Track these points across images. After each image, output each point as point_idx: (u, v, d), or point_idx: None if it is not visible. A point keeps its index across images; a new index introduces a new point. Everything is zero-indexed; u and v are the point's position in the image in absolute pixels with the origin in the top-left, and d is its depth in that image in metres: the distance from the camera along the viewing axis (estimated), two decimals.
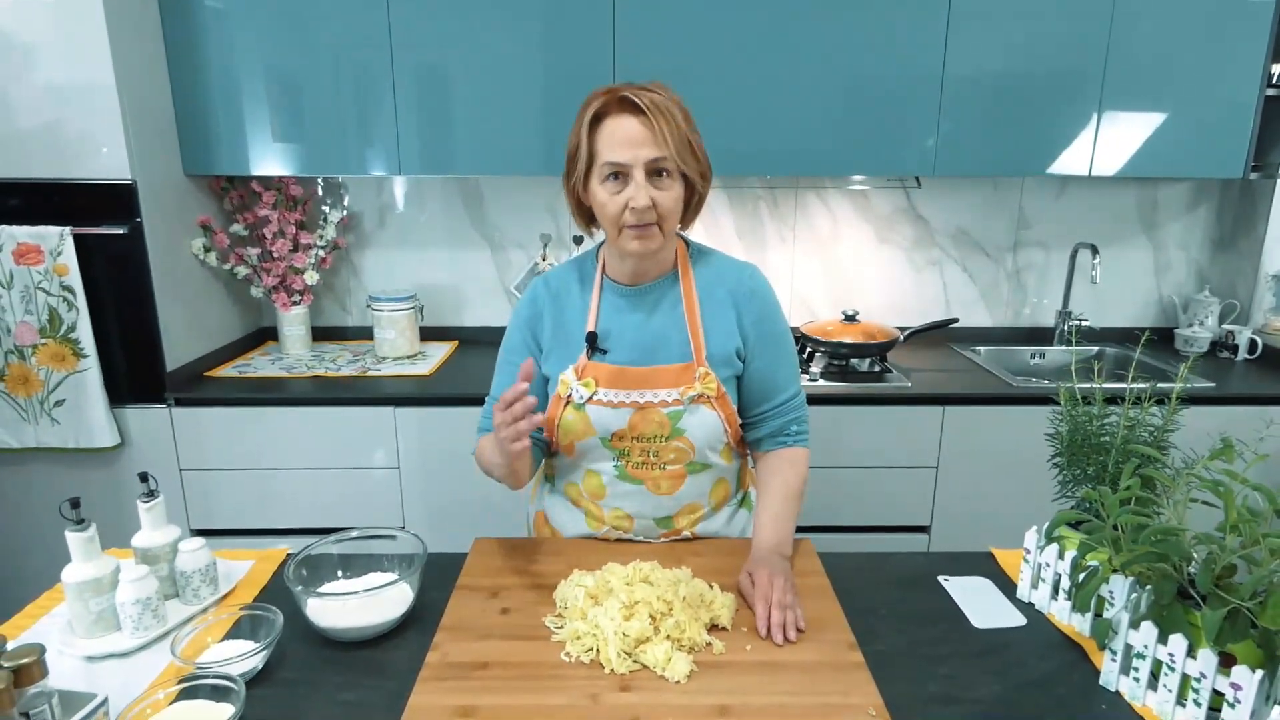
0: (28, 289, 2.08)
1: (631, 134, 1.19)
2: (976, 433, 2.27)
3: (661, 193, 1.21)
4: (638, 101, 1.19)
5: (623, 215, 1.22)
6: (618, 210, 1.22)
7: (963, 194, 2.73)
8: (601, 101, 1.22)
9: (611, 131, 1.21)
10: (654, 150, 1.19)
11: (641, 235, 1.23)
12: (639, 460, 1.34)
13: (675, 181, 1.23)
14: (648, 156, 1.19)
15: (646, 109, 1.18)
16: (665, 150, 1.19)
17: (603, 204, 1.23)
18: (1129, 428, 1.13)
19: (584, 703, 0.98)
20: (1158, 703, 0.97)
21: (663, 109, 1.19)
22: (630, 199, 1.20)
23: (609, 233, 1.27)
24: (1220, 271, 2.80)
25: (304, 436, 2.24)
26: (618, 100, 1.21)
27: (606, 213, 1.24)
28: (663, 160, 1.20)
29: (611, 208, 1.22)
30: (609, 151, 1.21)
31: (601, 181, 1.23)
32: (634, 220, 1.21)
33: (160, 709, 0.93)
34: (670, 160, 1.20)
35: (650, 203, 1.20)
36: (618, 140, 1.20)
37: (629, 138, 1.19)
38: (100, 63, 1.99)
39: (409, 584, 1.17)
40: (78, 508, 1.12)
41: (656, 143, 1.19)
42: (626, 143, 1.19)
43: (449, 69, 2.26)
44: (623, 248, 1.26)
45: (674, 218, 1.25)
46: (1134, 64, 2.27)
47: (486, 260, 2.77)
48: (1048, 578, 1.18)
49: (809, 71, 2.26)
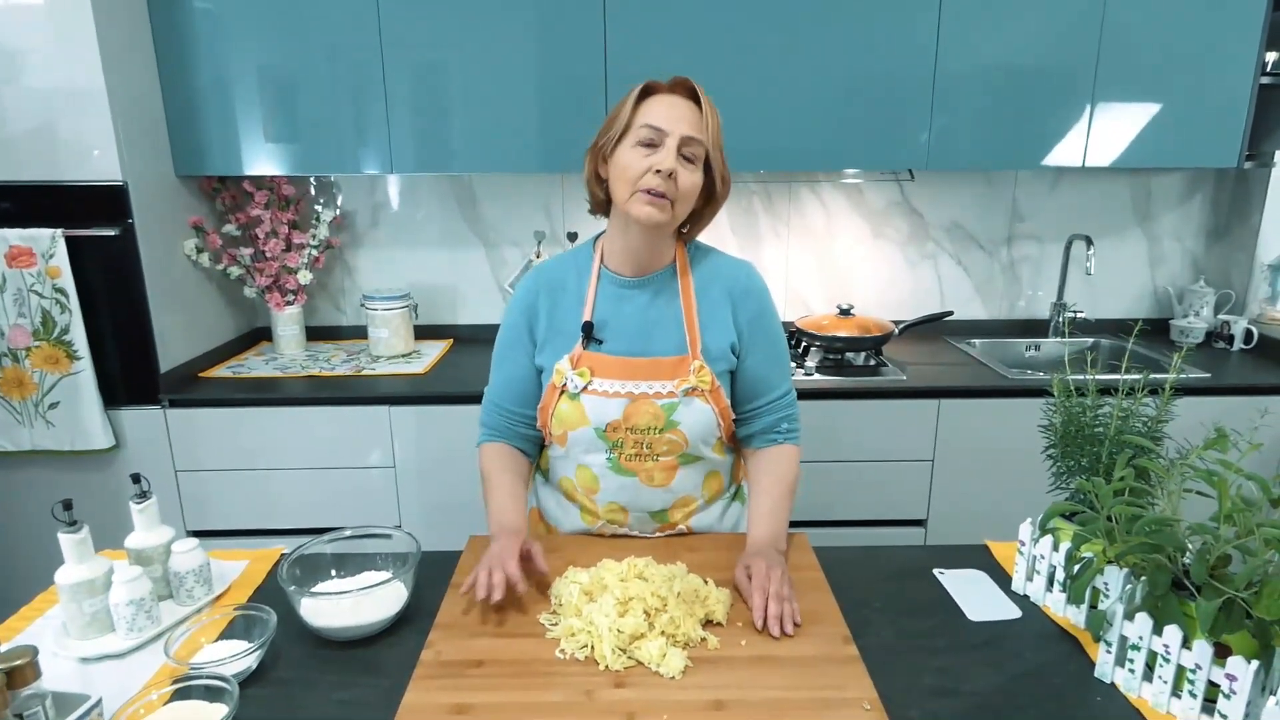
0: (20, 292, 2.08)
1: (679, 109, 1.24)
2: (972, 426, 2.27)
3: (684, 172, 1.23)
4: (695, 87, 1.25)
5: (643, 177, 1.22)
6: (640, 171, 1.22)
7: (957, 187, 2.73)
8: (653, 85, 1.27)
9: (658, 102, 1.25)
10: (694, 130, 1.23)
11: (654, 202, 1.23)
12: (632, 452, 1.34)
13: (699, 171, 1.26)
14: (686, 132, 1.23)
15: (700, 92, 1.25)
16: (704, 134, 1.24)
17: (626, 164, 1.24)
18: (1123, 418, 1.12)
19: (579, 699, 0.97)
20: (1153, 694, 0.97)
21: (712, 105, 1.26)
22: (657, 162, 1.22)
23: (620, 196, 1.26)
24: (1215, 262, 2.80)
25: (299, 436, 2.23)
26: (672, 82, 1.27)
27: (628, 173, 1.24)
28: (698, 143, 1.24)
29: (635, 167, 1.23)
30: (651, 116, 1.23)
31: (633, 145, 1.24)
32: (655, 183, 1.22)
33: (154, 710, 0.93)
34: (704, 147, 1.24)
35: (674, 170, 1.22)
36: (664, 110, 1.24)
37: (675, 112, 1.23)
38: (90, 65, 1.98)
39: (403, 583, 1.16)
40: (70, 509, 1.11)
41: (697, 125, 1.24)
42: (672, 115, 1.23)
43: (441, 67, 2.25)
44: (631, 211, 1.25)
45: (687, 203, 1.27)
46: (1127, 54, 2.27)
47: (480, 258, 2.76)
48: (1042, 570, 1.18)
49: (803, 66, 2.26)
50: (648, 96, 1.26)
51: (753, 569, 1.20)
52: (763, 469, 1.38)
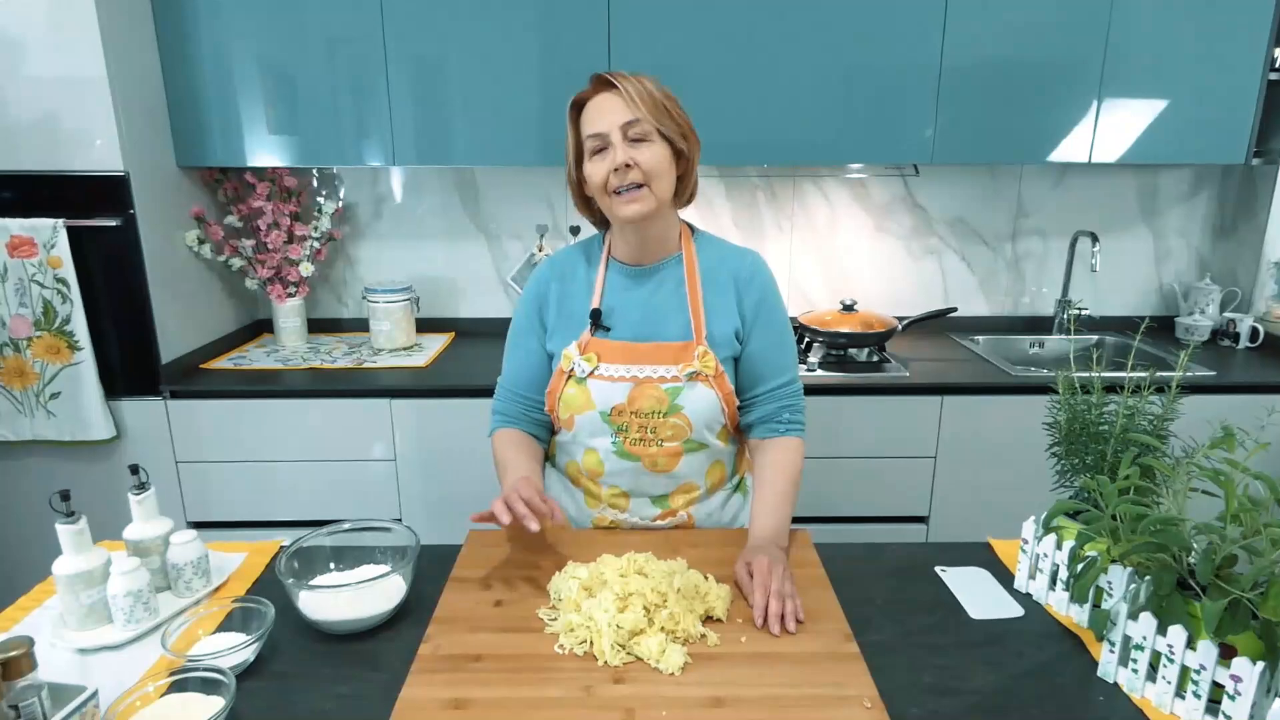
0: (22, 281, 2.07)
1: (607, 105, 1.26)
2: (975, 422, 2.26)
3: (640, 152, 1.25)
4: (609, 77, 1.27)
5: (608, 180, 1.26)
6: (603, 177, 1.26)
7: (961, 182, 2.71)
8: (581, 92, 1.30)
9: (590, 110, 1.28)
10: (626, 113, 1.25)
11: (631, 198, 1.26)
12: (636, 436, 1.35)
13: (656, 143, 1.27)
14: (621, 120, 1.25)
15: (613, 78, 1.26)
16: (637, 112, 1.24)
17: (590, 176, 1.29)
18: (1128, 416, 1.11)
19: (577, 695, 0.97)
20: (1156, 694, 0.96)
21: (630, 78, 1.26)
22: (611, 161, 1.24)
23: (605, 207, 1.31)
24: (1221, 259, 2.79)
25: (300, 429, 2.23)
26: (592, 84, 1.30)
27: (595, 184, 1.28)
28: (637, 122, 1.25)
29: (597, 176, 1.27)
30: (588, 126, 1.28)
31: (590, 159, 1.28)
32: (617, 182, 1.25)
33: (150, 702, 0.93)
34: (645, 121, 1.25)
35: (629, 160, 1.24)
36: (594, 114, 1.27)
37: (604, 108, 1.26)
38: (91, 54, 1.97)
39: (402, 576, 1.16)
40: (68, 500, 1.11)
41: (628, 107, 1.25)
42: (602, 113, 1.26)
43: (443, 59, 2.24)
44: (617, 215, 1.29)
45: (662, 178, 1.28)
46: (1134, 49, 2.25)
47: (483, 251, 2.75)
48: (1045, 568, 1.17)
49: (807, 60, 2.24)
50: (580, 110, 1.30)
51: (754, 566, 1.19)
52: (767, 461, 1.37)
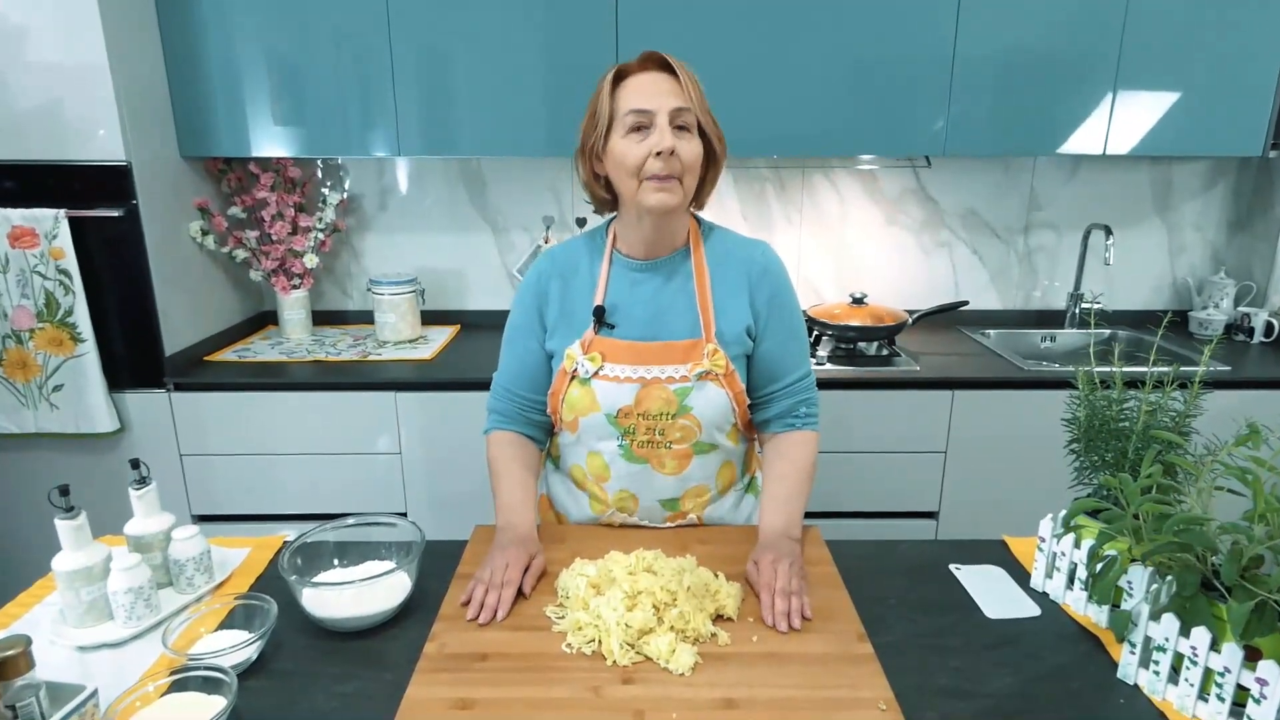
0: (24, 272, 2.05)
1: (658, 84, 1.20)
2: (986, 417, 2.23)
3: (682, 143, 1.20)
4: (665, 57, 1.21)
5: (645, 164, 1.20)
6: (640, 159, 1.19)
7: (973, 175, 2.68)
8: (624, 65, 1.24)
9: (636, 84, 1.22)
10: (679, 100, 1.20)
11: (663, 187, 1.20)
12: (644, 439, 1.31)
13: (696, 138, 1.22)
14: (673, 105, 1.20)
15: (670, 60, 1.21)
16: (688, 101, 1.20)
17: (623, 155, 1.21)
18: (1149, 412, 1.09)
19: (585, 695, 0.95)
20: (1178, 697, 0.94)
21: (687, 68, 1.22)
22: (654, 144, 1.18)
23: (627, 189, 1.23)
24: (1236, 253, 2.75)
25: (305, 422, 2.21)
26: (642, 59, 1.23)
27: (627, 163, 1.20)
28: (686, 112, 1.20)
29: (633, 156, 1.20)
30: (634, 100, 1.20)
31: (624, 135, 1.21)
32: (658, 167, 1.19)
33: (150, 701, 0.91)
34: (694, 113, 1.21)
35: (674, 147, 1.18)
36: (643, 90, 1.21)
37: (655, 88, 1.20)
38: (92, 42, 1.95)
39: (407, 573, 1.14)
40: (67, 495, 1.09)
41: (682, 95, 1.20)
42: (653, 92, 1.20)
43: (449, 48, 2.21)
44: (642, 202, 1.22)
45: (694, 174, 1.24)
46: (1151, 40, 2.21)
47: (488, 243, 2.73)
48: (1063, 567, 1.14)
49: (818, 49, 2.21)
50: (621, 81, 1.23)
51: (760, 564, 1.17)
52: (779, 454, 1.35)
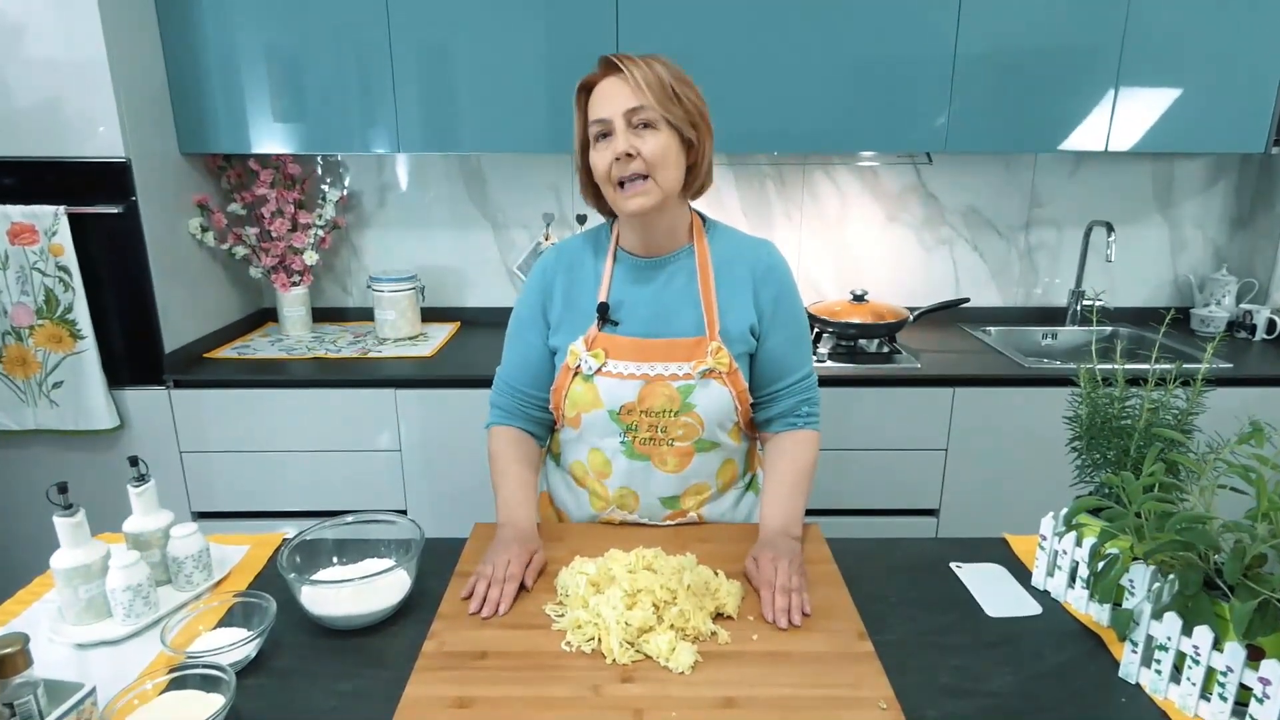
0: (23, 269, 2.05)
1: (613, 89, 1.20)
2: (987, 415, 2.23)
3: (645, 141, 1.19)
4: (615, 60, 1.21)
5: (611, 170, 1.21)
6: (607, 166, 1.21)
7: (974, 171, 2.67)
8: (589, 75, 1.24)
9: (596, 95, 1.22)
10: (631, 99, 1.19)
11: (634, 190, 1.21)
12: (646, 436, 1.31)
13: (661, 131, 1.21)
14: (624, 106, 1.19)
15: (620, 63, 1.19)
16: (643, 98, 1.18)
17: (595, 165, 1.24)
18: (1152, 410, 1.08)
19: (585, 694, 0.95)
20: (1180, 696, 0.93)
21: (639, 61, 1.20)
22: (614, 150, 1.20)
23: (610, 197, 1.26)
24: (1238, 250, 2.74)
25: (305, 419, 2.21)
26: (600, 66, 1.24)
27: (599, 172, 1.23)
28: (641, 109, 1.19)
29: (601, 165, 1.22)
30: (593, 111, 1.22)
31: (594, 145, 1.23)
32: (619, 172, 1.20)
33: (149, 700, 0.91)
34: (650, 108, 1.19)
35: (631, 149, 1.18)
36: (600, 100, 1.21)
37: (610, 93, 1.20)
38: (92, 38, 1.94)
39: (406, 570, 1.14)
40: (66, 492, 1.09)
41: (633, 93, 1.19)
42: (608, 97, 1.20)
43: (450, 44, 2.20)
44: (621, 208, 1.24)
45: (666, 169, 1.22)
46: (1153, 36, 2.20)
47: (489, 240, 2.72)
48: (1064, 565, 1.14)
49: (818, 45, 2.20)
50: (588, 92, 1.24)
51: (760, 561, 1.17)
52: (780, 453, 1.35)
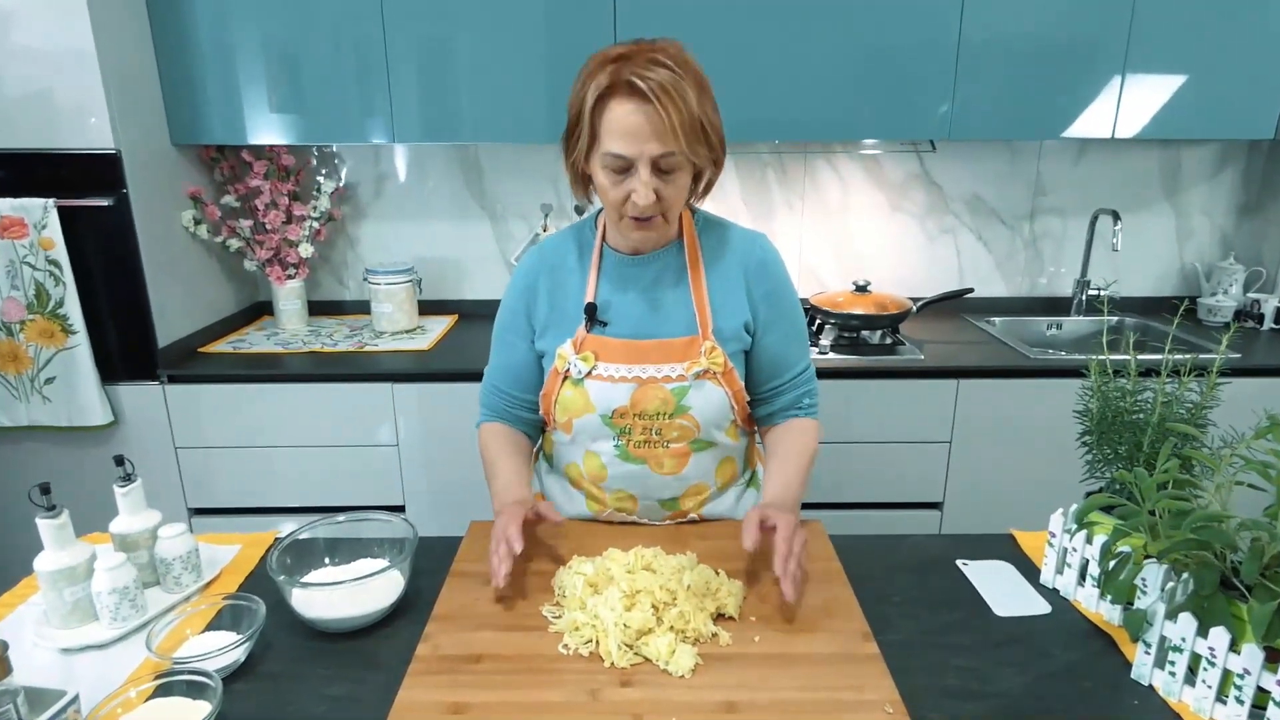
0: (13, 263, 2.02)
1: (637, 126, 1.09)
2: (991, 406, 2.20)
3: (667, 186, 1.14)
4: (643, 89, 1.08)
5: (625, 205, 1.16)
6: (619, 200, 1.16)
7: (979, 159, 2.63)
8: (607, 80, 1.10)
9: (616, 119, 1.10)
10: (660, 145, 1.10)
11: (644, 226, 1.18)
12: (641, 439, 1.27)
13: (683, 172, 1.16)
14: (654, 152, 1.11)
15: (654, 96, 1.07)
16: (673, 144, 1.10)
17: (604, 189, 1.17)
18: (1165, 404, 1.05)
19: (582, 699, 0.92)
20: (1195, 699, 0.90)
21: (671, 92, 1.08)
22: (633, 193, 1.14)
23: (610, 215, 1.22)
24: (1246, 238, 2.70)
25: (301, 414, 2.18)
26: (624, 83, 1.09)
27: (608, 199, 1.18)
28: (670, 156, 1.12)
29: (613, 196, 1.16)
30: (612, 141, 1.11)
31: (603, 168, 1.15)
32: (638, 211, 1.16)
33: (132, 708, 0.88)
34: (680, 155, 1.12)
35: (654, 198, 1.13)
36: (622, 131, 1.10)
37: (634, 129, 1.09)
38: (79, 27, 1.90)
39: (399, 571, 1.11)
40: (48, 494, 1.07)
41: (663, 135, 1.09)
42: (631, 135, 1.10)
43: (446, 32, 2.16)
44: (623, 234, 1.22)
45: (679, 206, 1.20)
46: (1161, 21, 2.16)
47: (486, 232, 2.69)
48: (1074, 562, 1.11)
49: (820, 32, 2.16)
50: (604, 103, 1.11)
51: (778, 522, 1.10)
52: (780, 438, 1.31)
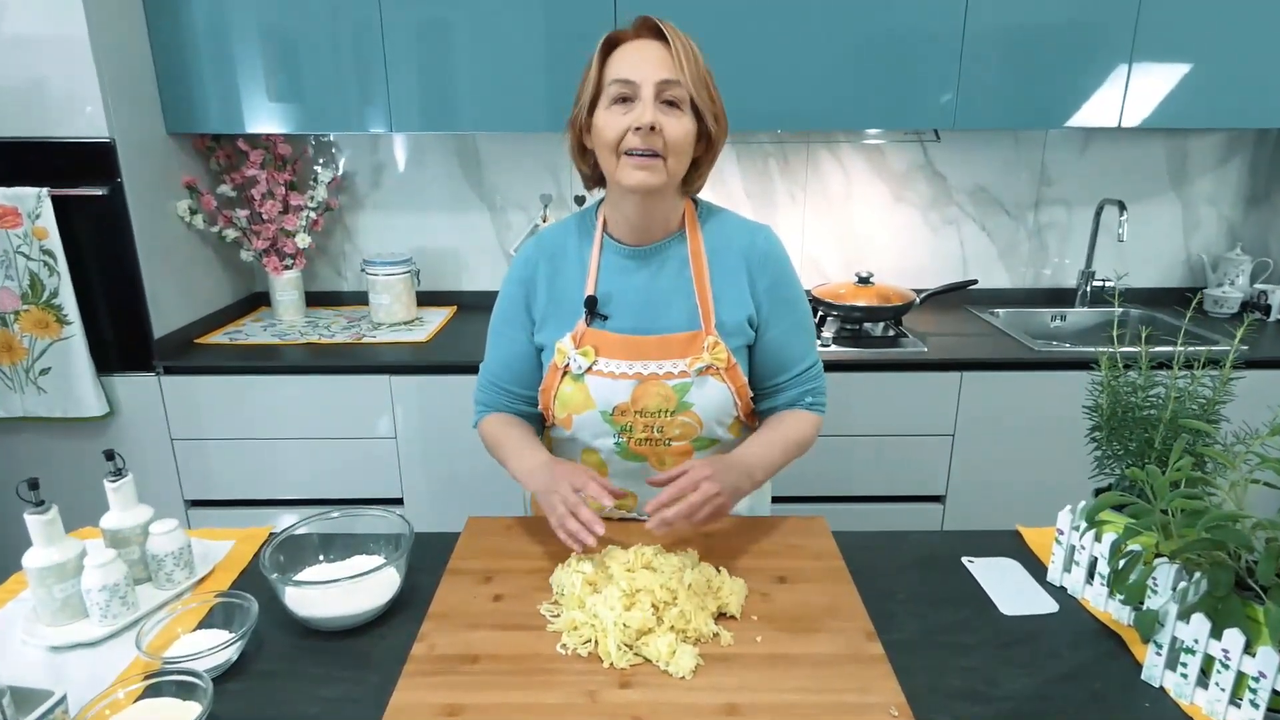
0: (7, 253, 1.99)
1: (647, 53, 1.12)
2: (995, 399, 2.17)
3: (669, 120, 1.12)
4: (660, 24, 1.12)
5: (624, 138, 1.12)
6: (620, 132, 1.12)
7: (983, 149, 2.60)
8: (618, 30, 1.15)
9: (626, 53, 1.13)
10: (668, 72, 1.11)
11: (643, 164, 1.12)
12: (641, 436, 1.24)
13: (686, 115, 1.13)
14: (661, 76, 1.11)
15: (664, 27, 1.12)
16: (679, 73, 1.10)
17: (603, 127, 1.13)
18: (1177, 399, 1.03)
19: (581, 701, 0.90)
20: (1208, 702, 0.88)
21: (682, 35, 1.13)
22: (636, 118, 1.10)
23: (608, 165, 1.16)
24: (1253, 228, 2.68)
25: (298, 405, 2.16)
26: (637, 26, 1.14)
27: (606, 136, 1.13)
28: (676, 86, 1.11)
29: (612, 130, 1.12)
30: (619, 69, 1.12)
31: (608, 106, 1.13)
32: (637, 143, 1.11)
33: (121, 708, 0.86)
34: (685, 88, 1.11)
35: (656, 124, 1.10)
36: (631, 60, 1.12)
37: (643, 57, 1.12)
38: (72, 14, 1.87)
39: (395, 568, 1.09)
40: (36, 489, 1.04)
41: (672, 66, 1.11)
42: (640, 61, 1.12)
43: (444, 20, 2.13)
44: (621, 180, 1.14)
45: (681, 155, 1.15)
46: (1168, 8, 2.12)
47: (485, 222, 2.66)
48: (1082, 560, 1.09)
49: (823, 20, 2.13)
50: (613, 49, 1.15)
51: (692, 467, 1.11)
52: (769, 421, 1.29)
